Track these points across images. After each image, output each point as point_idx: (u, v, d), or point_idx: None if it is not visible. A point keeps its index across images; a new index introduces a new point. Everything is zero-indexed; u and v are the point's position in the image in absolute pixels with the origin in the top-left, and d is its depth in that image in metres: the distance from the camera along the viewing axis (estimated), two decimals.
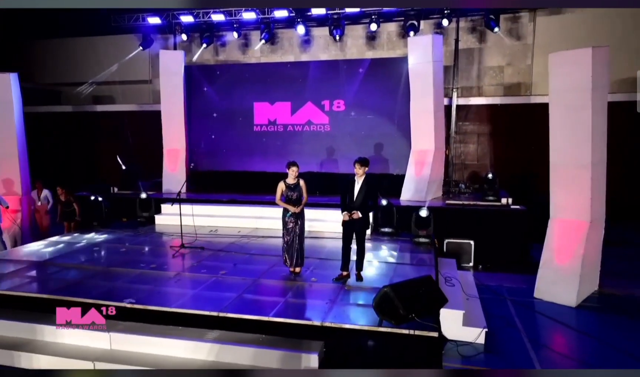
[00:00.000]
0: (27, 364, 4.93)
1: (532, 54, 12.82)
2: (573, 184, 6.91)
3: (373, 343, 4.59)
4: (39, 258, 7.28)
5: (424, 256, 7.47)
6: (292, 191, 6.15)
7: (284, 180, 6.21)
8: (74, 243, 8.31)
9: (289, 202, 6.14)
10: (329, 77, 11.96)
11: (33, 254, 7.60)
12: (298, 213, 6.16)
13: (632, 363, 5.00)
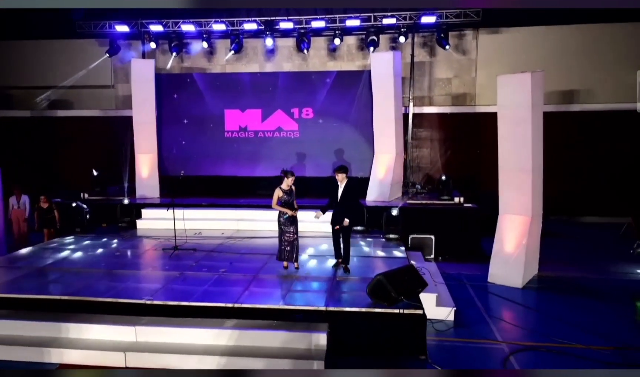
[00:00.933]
0: (57, 358, 5.40)
1: (476, 67, 14.38)
2: (517, 186, 8.24)
3: (370, 322, 5.53)
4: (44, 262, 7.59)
5: (394, 249, 8.55)
6: (288, 195, 6.94)
7: (280, 186, 6.98)
8: (61, 249, 8.58)
9: (286, 206, 6.93)
10: (297, 86, 12.83)
11: (27, 258, 7.85)
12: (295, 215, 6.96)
13: (567, 329, 6.28)
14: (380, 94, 11.72)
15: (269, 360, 5.18)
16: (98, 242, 9.15)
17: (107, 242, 9.14)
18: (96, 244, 8.95)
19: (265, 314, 5.70)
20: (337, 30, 12.87)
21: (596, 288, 7.94)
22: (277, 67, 14.40)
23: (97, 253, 8.35)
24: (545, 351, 5.68)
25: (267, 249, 8.49)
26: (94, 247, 8.76)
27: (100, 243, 9.04)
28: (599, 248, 10.66)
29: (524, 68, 13.09)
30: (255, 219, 10.38)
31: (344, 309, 5.64)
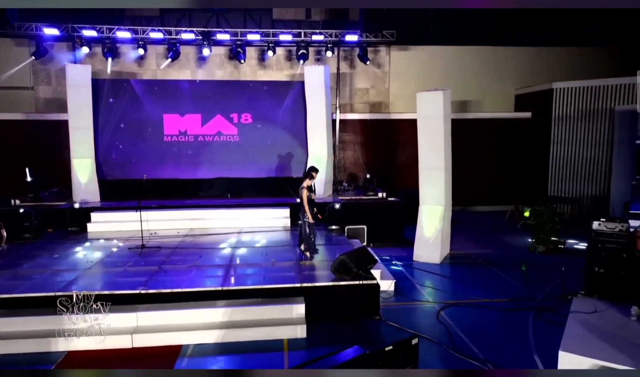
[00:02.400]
0: (65, 347, 6.00)
1: (389, 79, 16.50)
2: (433, 182, 10.20)
3: (336, 293, 6.92)
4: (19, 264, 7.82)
5: (339, 238, 10.06)
6: (314, 193, 8.24)
7: (304, 187, 8.07)
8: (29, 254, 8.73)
9: (314, 204, 8.15)
10: (236, 93, 13.76)
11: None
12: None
13: (475, 290, 8.25)
14: (313, 102, 13.18)
15: (260, 328, 6.34)
16: (60, 246, 9.35)
17: (70, 245, 9.40)
18: (61, 247, 9.18)
19: (251, 293, 6.81)
20: (270, 43, 14.05)
21: (493, 259, 10.18)
22: (209, 75, 15.18)
23: (65, 254, 8.67)
24: (463, 306, 7.55)
25: (229, 241, 9.48)
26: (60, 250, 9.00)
27: (64, 246, 9.28)
28: (491, 230, 13.20)
29: (429, 80, 15.66)
30: (205, 217, 11.20)
31: (315, 285, 6.96)
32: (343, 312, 6.92)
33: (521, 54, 16.61)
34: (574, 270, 8.14)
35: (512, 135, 16.20)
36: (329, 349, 5.16)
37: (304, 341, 6.33)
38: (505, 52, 16.60)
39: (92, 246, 9.49)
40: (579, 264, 8.90)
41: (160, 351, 6.04)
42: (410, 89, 16.43)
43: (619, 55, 16.17)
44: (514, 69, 16.74)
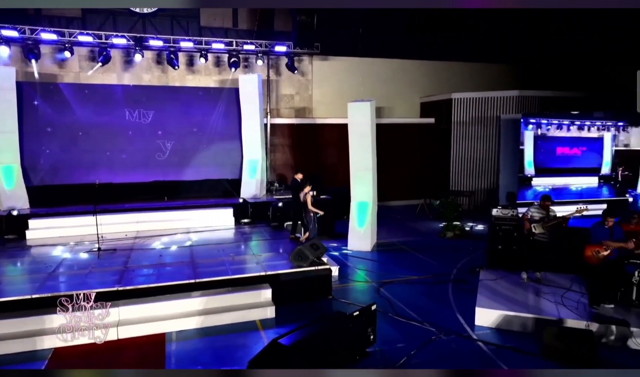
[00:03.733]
0: (51, 344, 6.35)
1: (312, 86, 17.85)
2: (363, 180, 11.70)
3: (296, 278, 8.02)
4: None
5: (283, 233, 11.13)
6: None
7: (306, 192, 10.04)
8: None
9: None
10: (172, 98, 14.12)
11: None
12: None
13: (403, 270, 9.86)
14: (247, 108, 14.05)
15: (234, 313, 7.23)
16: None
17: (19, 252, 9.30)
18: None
19: (222, 284, 7.64)
20: (203, 51, 14.60)
21: (413, 245, 11.96)
22: (136, 79, 15.23)
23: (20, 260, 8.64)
24: (397, 283, 9.08)
25: (182, 241, 10.07)
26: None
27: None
28: (407, 221, 15.15)
29: (347, 88, 17.33)
30: (149, 220, 11.56)
31: (278, 272, 8.00)
32: (302, 294, 8.04)
33: (425, 67, 18.98)
34: (478, 249, 10.15)
35: (419, 138, 18.45)
36: (296, 324, 6.33)
37: (274, 320, 7.35)
38: (412, 65, 18.85)
39: (41, 252, 9.46)
40: (481, 245, 11.04)
41: (147, 339, 6.65)
42: (330, 96, 18.05)
43: (505, 72, 19.23)
44: (419, 79, 19.06)
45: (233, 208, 12.21)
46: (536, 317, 6.86)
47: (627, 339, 6.37)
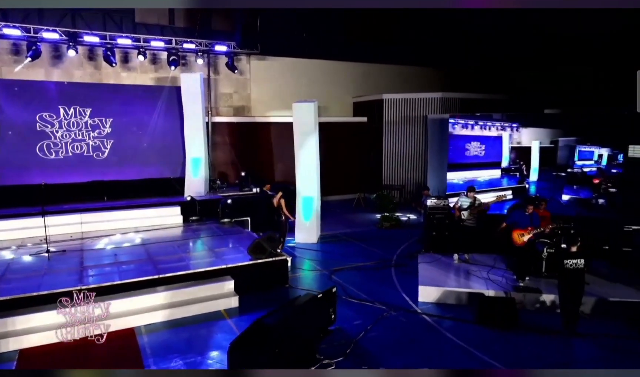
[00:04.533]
0: (16, 346, 6.32)
1: (250, 85, 18.20)
2: (308, 176, 12.39)
3: (256, 269, 8.53)
4: None
5: (234, 229, 11.51)
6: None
7: (282, 196, 10.61)
8: None
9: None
10: (110, 96, 13.78)
11: None
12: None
13: (350, 258, 10.70)
14: (189, 107, 14.11)
15: (200, 304, 7.59)
16: None
17: None
18: None
19: (185, 278, 7.94)
20: (141, 48, 14.41)
21: (354, 236, 12.87)
22: (67, 75, 14.62)
23: None
24: (345, 270, 9.89)
25: (132, 239, 10.10)
26: None
27: None
28: (346, 214, 16.09)
29: (284, 87, 17.96)
30: (93, 221, 11.33)
31: (238, 264, 8.44)
32: (262, 284, 8.56)
33: (357, 68, 20.08)
34: (413, 237, 11.29)
35: (353, 136, 19.52)
36: (260, 311, 6.95)
37: (238, 309, 7.82)
38: (344, 66, 19.84)
39: None
40: (415, 233, 12.23)
41: (116, 335, 6.81)
42: (268, 95, 18.53)
43: (430, 75, 20.87)
44: (352, 80, 20.12)
45: (180, 206, 12.31)
46: (469, 291, 7.99)
47: (539, 303, 7.70)
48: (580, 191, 13.33)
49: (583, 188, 13.31)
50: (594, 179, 12.95)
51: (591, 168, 13.38)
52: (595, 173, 12.83)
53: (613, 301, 7.52)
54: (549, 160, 15.25)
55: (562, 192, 13.55)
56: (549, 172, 14.96)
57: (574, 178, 13.75)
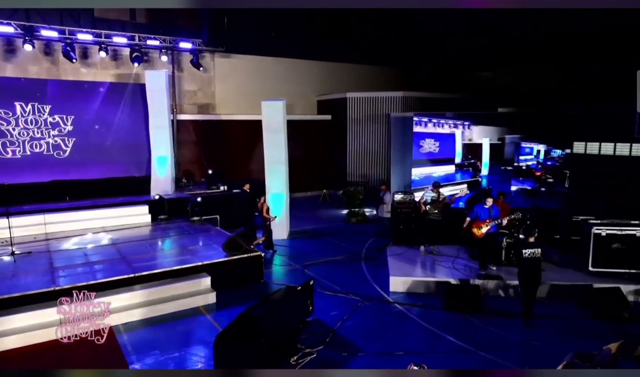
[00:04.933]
0: (5, 346, 6.20)
1: (215, 83, 18.12)
2: (277, 173, 12.57)
3: (232, 265, 8.65)
4: None
5: (204, 227, 11.53)
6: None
7: (265, 200, 10.85)
8: None
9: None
10: (71, 93, 13.40)
11: None
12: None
13: (321, 253, 10.98)
14: (154, 105, 13.94)
15: (178, 301, 7.66)
16: None
17: None
18: None
19: (162, 276, 7.96)
20: (103, 44, 14.06)
21: (323, 231, 13.19)
22: (21, 71, 14.02)
23: None
24: (318, 264, 10.18)
25: (100, 239, 9.96)
26: None
27: None
28: (313, 211, 16.39)
29: (249, 85, 18.03)
30: (62, 221, 11.05)
31: (215, 261, 8.54)
32: (238, 280, 8.70)
33: (321, 68, 20.39)
34: (380, 231, 11.73)
35: (318, 134, 19.84)
36: (238, 307, 7.22)
37: (215, 305, 7.93)
38: (309, 65, 20.10)
39: None
40: (381, 227, 12.69)
41: (95, 334, 6.77)
42: (233, 93, 18.51)
43: (391, 75, 21.47)
44: (316, 79, 20.42)
45: (148, 205, 12.18)
46: (436, 280, 8.48)
47: (500, 289, 8.29)
48: (525, 182, 14.81)
49: (527, 180, 14.78)
50: (535, 172, 14.35)
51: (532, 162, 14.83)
52: (536, 167, 14.11)
53: (565, 285, 8.22)
54: (498, 156, 16.67)
55: (510, 184, 14.94)
56: (498, 166, 16.41)
57: (520, 171, 15.21)
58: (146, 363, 6.05)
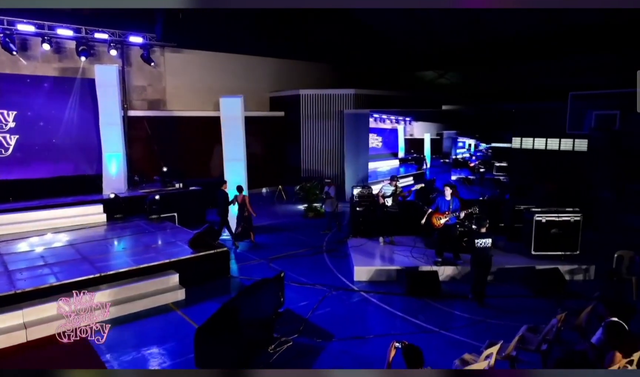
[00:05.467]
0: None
1: (165, 78, 17.73)
2: (236, 170, 12.61)
3: (198, 262, 8.70)
4: None
5: (163, 225, 11.39)
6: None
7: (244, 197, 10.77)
8: None
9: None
10: (11, 88, 12.62)
11: None
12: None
13: (288, 247, 11.21)
14: (105, 101, 13.46)
15: (147, 299, 7.62)
16: None
17: None
18: None
19: (129, 274, 7.87)
20: (46, 36, 13.38)
21: (283, 226, 13.42)
22: None
23: None
24: (282, 258, 10.41)
25: (52, 240, 9.62)
26: None
27: None
28: (269, 206, 16.53)
29: (202, 81, 17.85)
30: (9, 222, 10.49)
31: (182, 258, 8.55)
32: (206, 275, 8.75)
33: (274, 64, 20.49)
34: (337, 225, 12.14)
35: (271, 130, 19.96)
36: (208, 302, 7.50)
37: (185, 301, 7.97)
38: (261, 61, 20.14)
39: None
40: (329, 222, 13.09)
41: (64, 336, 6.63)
42: (185, 89, 18.22)
43: (343, 72, 21.96)
44: (268, 76, 20.49)
45: (103, 204, 11.82)
46: (397, 268, 9.00)
47: (456, 275, 8.96)
48: (462, 171, 16.09)
49: (463, 170, 16.15)
50: (470, 163, 15.76)
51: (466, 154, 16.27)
52: (470, 158, 15.42)
53: (510, 268, 9.03)
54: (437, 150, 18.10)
55: (450, 174, 16.26)
56: (438, 159, 17.82)
57: (457, 163, 16.65)
58: (124, 361, 6.04)
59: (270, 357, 6.11)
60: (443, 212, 9.01)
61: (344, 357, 6.14)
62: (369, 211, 11.30)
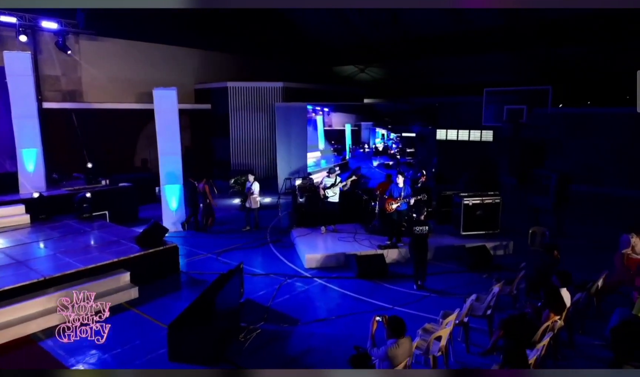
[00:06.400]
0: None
1: (81, 68, 16.54)
2: (171, 165, 12.26)
3: (149, 258, 8.47)
4: None
5: (99, 223, 10.79)
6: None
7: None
8: None
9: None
10: None
11: None
12: None
13: (224, 242, 11.19)
14: (17, 92, 12.26)
15: (101, 299, 7.26)
16: None
17: None
18: None
19: (75, 276, 7.46)
20: None
21: (219, 219, 13.21)
22: None
23: None
24: (229, 251, 10.44)
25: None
26: None
27: None
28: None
29: (121, 72, 17.04)
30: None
31: (132, 256, 8.26)
32: (157, 273, 8.55)
33: (199, 56, 19.99)
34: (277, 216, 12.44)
35: (197, 124, 19.51)
36: (161, 298, 7.59)
37: (138, 299, 7.75)
38: (186, 52, 19.54)
39: None
40: (276, 212, 13.36)
41: (11, 344, 6.19)
42: (103, 79, 17.15)
43: (271, 66, 21.98)
44: (192, 67, 19.95)
45: (25, 204, 10.86)
46: (344, 253, 9.51)
47: (400, 257, 9.70)
48: (382, 158, 17.36)
49: (383, 156, 17.39)
50: (390, 150, 17.14)
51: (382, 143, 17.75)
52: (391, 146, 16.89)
53: (445, 247, 9.98)
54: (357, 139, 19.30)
55: (371, 161, 17.36)
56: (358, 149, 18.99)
57: (377, 151, 17.82)
58: (90, 363, 5.82)
59: (242, 345, 6.26)
60: (395, 198, 9.64)
61: (312, 340, 6.48)
62: (311, 201, 11.69)
